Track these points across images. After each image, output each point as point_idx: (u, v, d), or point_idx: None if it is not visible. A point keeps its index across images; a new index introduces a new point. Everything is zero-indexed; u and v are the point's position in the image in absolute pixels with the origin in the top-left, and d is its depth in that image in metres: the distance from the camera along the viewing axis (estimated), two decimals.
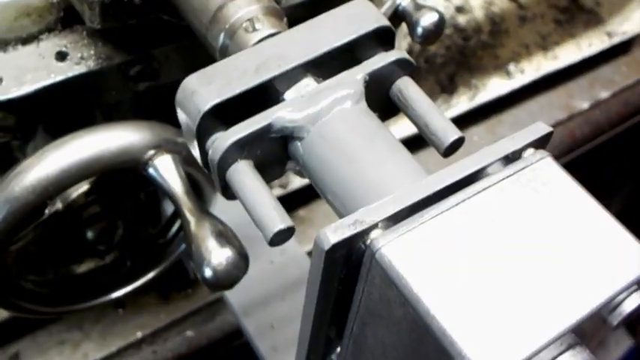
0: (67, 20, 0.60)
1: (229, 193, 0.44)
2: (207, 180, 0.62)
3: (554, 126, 1.41)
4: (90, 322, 0.89)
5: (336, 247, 0.34)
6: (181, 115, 0.45)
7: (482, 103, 1.28)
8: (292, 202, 1.04)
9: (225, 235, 0.50)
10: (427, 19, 0.69)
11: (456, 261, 0.34)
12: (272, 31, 0.50)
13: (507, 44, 1.43)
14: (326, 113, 0.43)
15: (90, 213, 0.59)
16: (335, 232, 0.34)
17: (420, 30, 0.70)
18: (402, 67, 0.47)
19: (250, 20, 0.49)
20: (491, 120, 1.30)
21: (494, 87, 1.35)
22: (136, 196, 0.64)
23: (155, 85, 0.67)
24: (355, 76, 0.45)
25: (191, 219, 0.52)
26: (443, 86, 1.33)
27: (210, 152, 0.43)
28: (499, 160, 0.39)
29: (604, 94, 1.38)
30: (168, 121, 0.73)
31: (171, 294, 0.95)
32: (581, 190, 0.38)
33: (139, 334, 0.90)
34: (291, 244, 0.77)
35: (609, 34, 1.47)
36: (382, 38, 0.49)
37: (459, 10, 1.48)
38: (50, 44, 0.59)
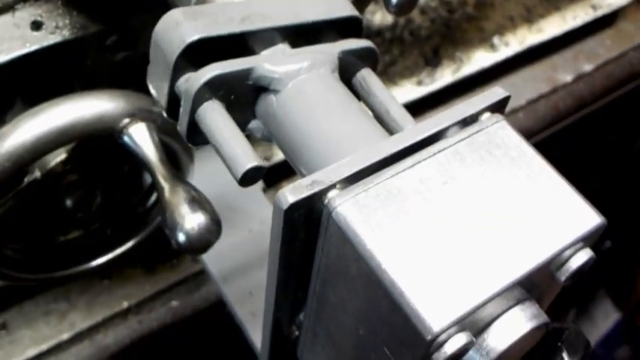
0: None
1: (194, 134, 0.45)
2: (185, 149, 0.63)
3: (537, 99, 1.41)
4: (76, 293, 0.91)
5: (294, 206, 0.36)
6: (157, 48, 0.45)
7: (467, 75, 1.29)
8: (276, 174, 1.05)
9: (197, 201, 0.51)
10: None
11: (409, 219, 0.36)
12: None
13: (492, 17, 1.43)
14: (304, 72, 0.44)
15: (68, 181, 0.60)
16: (293, 193, 0.36)
17: (394, 0, 0.70)
18: (367, 57, 0.49)
19: None
20: (475, 93, 1.31)
21: (479, 60, 1.36)
22: (114, 165, 0.65)
23: (132, 55, 0.68)
24: (332, 50, 0.47)
25: (165, 186, 0.53)
26: (427, 59, 1.33)
27: (185, 86, 0.43)
28: (457, 123, 0.40)
29: (588, 67, 1.39)
30: (146, 92, 0.74)
31: (157, 265, 0.97)
32: (532, 151, 0.39)
33: (125, 304, 0.92)
34: (270, 214, 0.79)
35: (594, 7, 1.47)
36: (353, 28, 0.50)
37: None
38: (25, 14, 0.59)
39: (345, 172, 0.36)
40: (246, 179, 0.40)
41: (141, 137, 0.55)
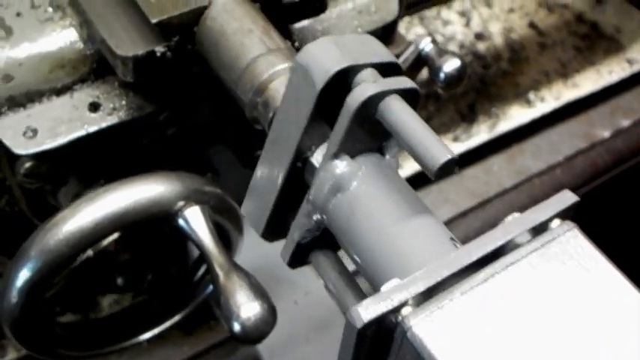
0: (99, 71, 0.61)
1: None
2: (235, 227, 0.63)
3: (575, 155, 1.39)
4: (115, 355, 0.90)
5: (367, 324, 0.35)
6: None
7: (503, 132, 1.29)
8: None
9: (253, 289, 0.51)
10: (449, 66, 0.70)
11: (487, 338, 0.35)
12: None
13: (527, 72, 1.43)
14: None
15: (120, 260, 0.60)
16: (367, 310, 0.35)
17: (442, 75, 0.71)
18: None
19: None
20: (511, 149, 1.30)
21: (515, 115, 1.35)
22: (164, 242, 0.65)
23: (182, 129, 0.68)
24: None
25: (220, 272, 0.53)
26: (463, 115, 1.33)
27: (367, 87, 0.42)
28: (526, 231, 0.40)
29: (625, 123, 1.38)
30: (195, 160, 0.74)
31: (195, 327, 0.96)
32: (605, 261, 0.38)
33: None
34: (315, 284, 0.78)
35: (630, 62, 1.47)
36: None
37: (479, 37, 1.48)
38: (83, 95, 0.60)
39: (418, 287, 0.36)
40: (441, 173, 0.38)
41: (196, 221, 0.55)
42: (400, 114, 0.41)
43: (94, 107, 0.60)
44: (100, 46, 0.58)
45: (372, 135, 0.44)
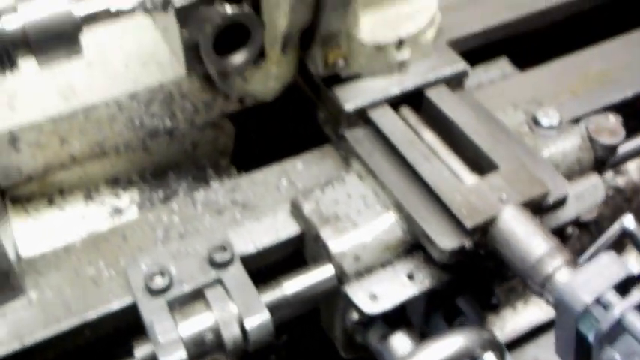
0: (409, 249, 0.88)
1: None
2: None
3: None
4: None
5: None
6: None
7: None
8: None
9: None
10: None
11: None
12: None
13: None
14: None
15: None
16: None
17: None
18: None
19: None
20: None
21: None
22: None
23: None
24: None
25: None
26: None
27: None
28: None
29: None
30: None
31: None
32: None
33: None
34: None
35: None
36: None
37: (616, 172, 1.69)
38: (401, 267, 0.87)
39: None
40: None
41: None
42: None
43: (410, 277, 0.86)
44: (420, 236, 0.84)
45: None
